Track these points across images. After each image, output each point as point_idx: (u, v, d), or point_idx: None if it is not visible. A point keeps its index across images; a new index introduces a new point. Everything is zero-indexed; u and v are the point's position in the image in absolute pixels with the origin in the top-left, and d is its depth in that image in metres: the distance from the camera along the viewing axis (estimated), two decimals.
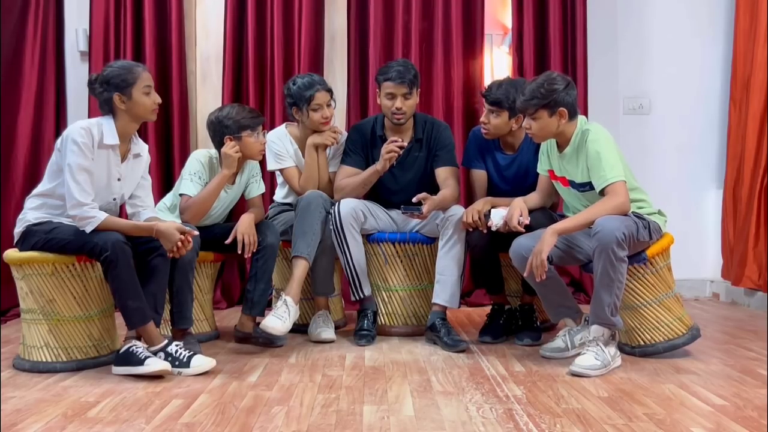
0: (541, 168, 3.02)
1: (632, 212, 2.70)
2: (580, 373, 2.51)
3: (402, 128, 3.26)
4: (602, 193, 2.67)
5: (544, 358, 2.80)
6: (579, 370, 2.52)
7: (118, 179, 2.70)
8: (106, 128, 2.62)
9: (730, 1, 4.42)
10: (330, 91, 3.29)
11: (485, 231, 2.97)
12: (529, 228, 2.85)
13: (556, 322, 2.96)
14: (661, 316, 2.79)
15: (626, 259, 2.59)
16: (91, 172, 2.57)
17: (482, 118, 3.18)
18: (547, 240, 2.61)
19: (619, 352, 2.68)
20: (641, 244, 2.70)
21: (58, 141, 2.63)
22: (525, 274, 2.69)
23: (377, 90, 3.25)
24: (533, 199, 3.00)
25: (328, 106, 3.26)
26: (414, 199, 3.00)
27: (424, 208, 3.00)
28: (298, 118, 3.29)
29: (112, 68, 2.67)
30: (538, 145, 3.19)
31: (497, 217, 2.89)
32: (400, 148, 3.11)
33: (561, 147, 2.84)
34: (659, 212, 2.85)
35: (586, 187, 2.76)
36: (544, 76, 2.77)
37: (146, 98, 2.65)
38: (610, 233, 2.52)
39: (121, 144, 2.67)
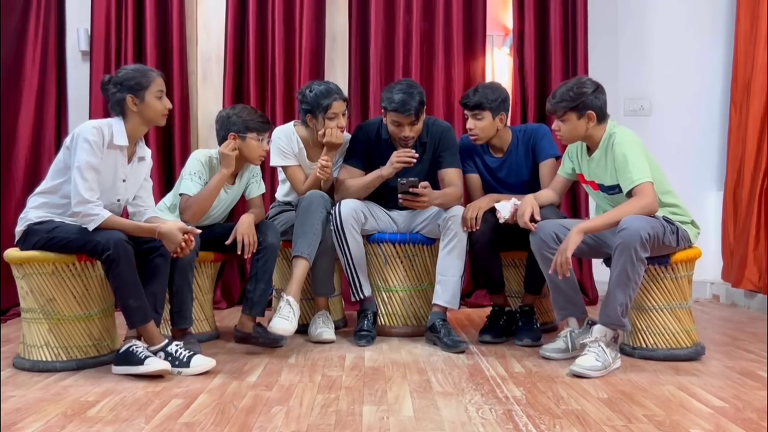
0: (563, 170, 3.03)
1: (663, 216, 2.71)
2: (580, 374, 2.51)
3: None
4: (630, 194, 2.68)
5: (543, 358, 2.80)
6: (580, 370, 2.52)
7: (123, 180, 2.71)
8: (117, 129, 2.64)
9: (730, 2, 4.42)
10: (346, 100, 3.28)
11: (476, 229, 3.00)
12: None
13: (560, 319, 2.93)
14: (670, 324, 2.79)
15: (646, 260, 2.60)
16: (99, 170, 2.58)
17: (468, 125, 3.20)
18: (572, 239, 2.62)
19: (619, 354, 2.68)
20: (666, 248, 2.70)
21: (68, 139, 2.64)
22: (549, 271, 2.70)
23: (382, 112, 3.22)
24: (547, 195, 3.02)
25: (344, 115, 3.26)
26: (419, 187, 3.01)
27: (424, 191, 3.00)
28: (311, 125, 3.28)
29: (126, 70, 2.69)
30: (528, 146, 3.24)
31: (505, 210, 2.91)
32: (412, 158, 3.11)
33: (590, 150, 2.85)
34: (692, 223, 2.86)
35: (615, 189, 2.78)
36: (575, 80, 2.82)
37: (158, 102, 2.67)
38: (635, 232, 2.53)
39: (128, 146, 2.68)
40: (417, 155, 3.12)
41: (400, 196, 3.05)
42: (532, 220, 2.85)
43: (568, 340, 2.82)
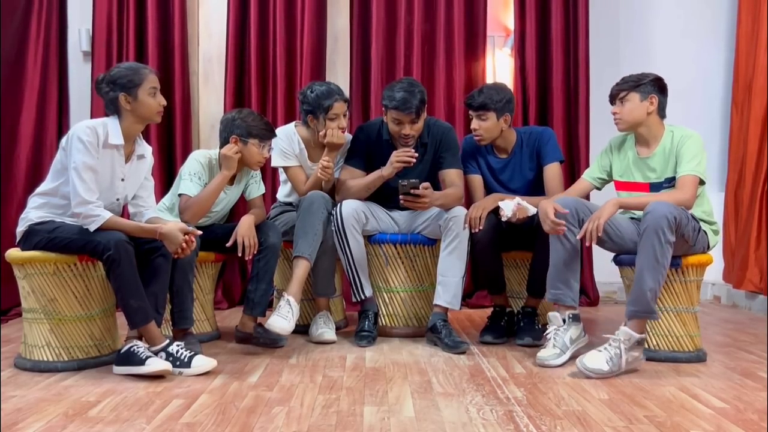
0: (590, 175, 3.03)
1: (691, 213, 2.72)
2: (583, 372, 2.50)
3: None
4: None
5: (541, 367, 2.70)
6: (584, 369, 2.51)
7: (122, 179, 2.70)
8: (112, 128, 2.63)
9: (732, 4, 4.42)
10: (347, 101, 3.28)
11: (478, 229, 2.98)
12: (530, 220, 2.90)
13: (550, 298, 2.83)
14: (674, 327, 2.79)
15: (672, 245, 2.59)
16: (96, 170, 2.57)
17: (472, 126, 3.20)
18: (607, 209, 2.66)
19: (643, 357, 2.62)
20: (683, 242, 2.69)
21: (63, 140, 2.64)
22: (578, 236, 2.69)
23: (383, 110, 3.22)
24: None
25: (345, 115, 3.26)
26: (420, 188, 2.99)
27: (425, 192, 2.99)
28: (312, 126, 3.28)
29: (119, 69, 2.69)
30: (533, 149, 3.23)
31: (508, 209, 2.92)
32: (411, 157, 3.11)
33: (648, 145, 2.86)
34: (715, 231, 2.87)
35: (673, 182, 2.79)
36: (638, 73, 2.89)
37: (151, 99, 2.67)
38: (662, 215, 2.54)
39: (125, 145, 2.68)
40: (416, 154, 3.12)
41: (401, 197, 3.05)
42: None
43: (556, 340, 2.72)
